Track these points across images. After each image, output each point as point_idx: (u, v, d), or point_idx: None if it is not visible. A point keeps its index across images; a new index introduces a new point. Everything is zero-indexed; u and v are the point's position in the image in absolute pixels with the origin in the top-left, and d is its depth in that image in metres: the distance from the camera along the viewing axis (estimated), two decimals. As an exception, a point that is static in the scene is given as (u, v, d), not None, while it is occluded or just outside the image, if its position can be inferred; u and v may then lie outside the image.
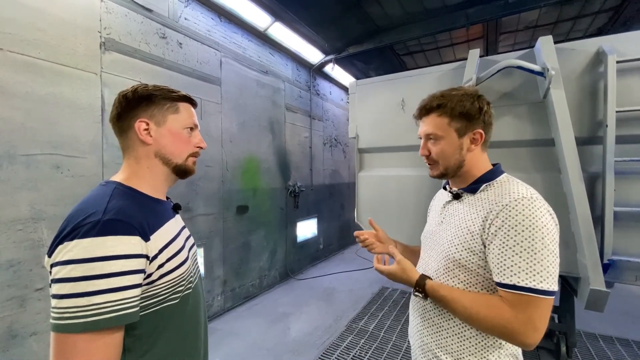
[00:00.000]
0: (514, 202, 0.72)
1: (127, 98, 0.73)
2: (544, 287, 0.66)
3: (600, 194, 1.73)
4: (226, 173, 3.22)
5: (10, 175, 1.72)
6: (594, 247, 1.62)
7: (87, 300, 0.54)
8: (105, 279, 0.56)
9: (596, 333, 2.80)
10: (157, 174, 0.76)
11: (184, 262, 0.74)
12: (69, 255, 0.56)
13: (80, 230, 0.58)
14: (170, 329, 0.70)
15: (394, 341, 2.67)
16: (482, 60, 2.06)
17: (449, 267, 0.82)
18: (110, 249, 0.57)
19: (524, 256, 0.68)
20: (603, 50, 1.71)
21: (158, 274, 0.66)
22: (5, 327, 1.69)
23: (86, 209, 0.62)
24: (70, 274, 0.55)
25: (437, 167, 0.88)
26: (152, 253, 0.64)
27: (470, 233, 0.78)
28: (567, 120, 1.70)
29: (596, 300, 1.61)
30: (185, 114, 0.78)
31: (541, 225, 0.68)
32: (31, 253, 1.80)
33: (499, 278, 0.71)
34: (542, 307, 0.67)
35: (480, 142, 0.84)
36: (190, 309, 0.76)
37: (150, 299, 0.66)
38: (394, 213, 2.47)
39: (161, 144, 0.74)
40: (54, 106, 1.91)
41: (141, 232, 0.63)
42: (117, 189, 0.69)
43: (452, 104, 0.82)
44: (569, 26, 4.42)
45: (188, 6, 2.81)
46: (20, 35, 1.76)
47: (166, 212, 0.78)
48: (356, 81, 2.63)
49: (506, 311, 0.68)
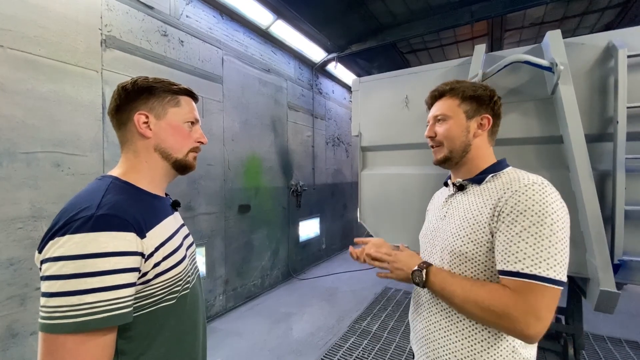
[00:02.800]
0: (524, 187, 0.68)
1: (126, 90, 0.70)
2: (550, 275, 0.62)
3: (610, 193, 1.68)
4: (228, 172, 3.20)
5: (11, 173, 1.72)
6: (604, 247, 1.57)
7: (78, 299, 0.51)
8: (97, 277, 0.53)
9: (604, 335, 2.74)
10: (156, 168, 0.73)
11: (181, 261, 0.71)
12: (60, 252, 0.53)
13: (73, 225, 0.55)
14: (166, 331, 0.67)
15: (397, 342, 2.63)
16: (488, 56, 2.01)
17: (454, 261, 0.78)
18: (104, 245, 0.54)
19: (530, 242, 0.64)
20: (613, 45, 1.66)
21: (153, 273, 0.63)
22: (5, 325, 1.68)
23: (79, 203, 0.59)
24: (60, 271, 0.52)
25: (441, 150, 0.87)
26: (148, 251, 0.61)
27: (478, 223, 0.74)
28: (576, 116, 1.65)
29: (606, 302, 1.57)
30: (187, 108, 0.76)
31: (552, 211, 0.64)
32: (31, 251, 1.78)
33: (502, 265, 0.67)
34: (548, 296, 0.62)
35: (488, 127, 0.83)
36: (187, 309, 0.73)
37: (145, 299, 0.63)
38: (397, 212, 2.43)
39: (161, 138, 0.72)
40: (55, 104, 1.90)
41: (137, 228, 0.60)
42: (113, 184, 0.66)
43: (464, 88, 0.84)
44: (575, 23, 4.35)
45: (190, 4, 2.79)
46: (21, 32, 1.75)
47: (164, 208, 0.75)
48: (359, 78, 2.60)
49: (507, 298, 0.63)
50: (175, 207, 0.82)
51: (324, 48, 4.41)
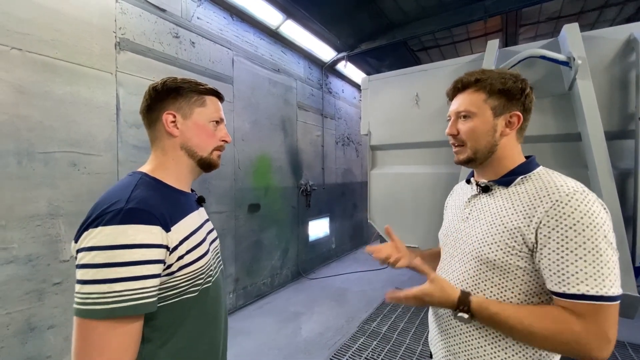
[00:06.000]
0: (566, 197, 0.63)
1: (156, 90, 0.74)
2: (615, 292, 0.59)
3: (631, 192, 1.61)
4: (238, 171, 3.23)
5: (30, 173, 1.78)
6: (625, 249, 1.50)
7: (108, 287, 0.55)
8: (126, 266, 0.57)
9: (625, 341, 2.63)
10: (182, 166, 0.77)
11: (204, 255, 0.74)
12: (93, 242, 0.57)
13: (104, 217, 0.59)
14: (189, 321, 0.70)
15: (408, 344, 2.59)
16: (502, 52, 1.96)
17: (481, 269, 0.72)
18: (132, 238, 0.58)
19: (589, 260, 0.59)
20: (635, 38, 1.59)
21: (177, 266, 0.66)
22: (23, 320, 1.74)
23: (111, 198, 0.63)
24: (93, 260, 0.56)
25: (464, 150, 0.78)
26: (172, 244, 0.64)
27: (508, 231, 0.68)
28: (595, 112, 1.59)
29: (627, 307, 1.50)
30: (212, 108, 0.79)
31: (602, 222, 0.60)
32: (49, 248, 1.84)
33: (559, 287, 0.61)
34: (612, 314, 0.59)
35: (517, 126, 0.75)
36: (209, 302, 0.76)
37: (169, 291, 0.66)
38: (408, 212, 2.40)
39: (187, 137, 0.75)
40: (71, 105, 1.95)
41: (162, 222, 0.63)
42: (142, 179, 0.70)
43: (492, 80, 0.75)
44: (594, 16, 4.19)
45: (200, 5, 2.83)
46: (38, 36, 1.81)
47: (189, 204, 0.78)
48: (368, 77, 2.58)
49: (575, 324, 0.59)
50: (200, 203, 0.86)
51: (334, 47, 4.40)
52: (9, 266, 1.69)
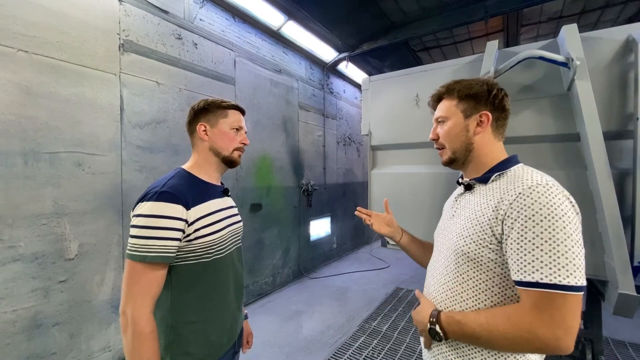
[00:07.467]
0: (528, 189, 0.66)
1: (194, 109, 1.03)
2: (571, 282, 0.59)
3: (630, 192, 1.61)
4: (240, 171, 3.26)
5: (36, 172, 1.81)
6: (623, 248, 1.51)
7: (144, 242, 0.82)
8: (157, 230, 0.82)
9: (625, 341, 2.63)
10: (211, 163, 1.03)
11: (218, 231, 0.96)
12: (140, 211, 0.85)
13: (147, 195, 0.87)
14: (204, 279, 0.94)
15: (408, 343, 2.61)
16: (501, 52, 1.97)
17: (459, 262, 0.76)
18: (163, 211, 0.84)
19: (545, 249, 0.61)
20: (633, 39, 1.59)
21: (194, 236, 0.89)
22: (29, 317, 1.77)
23: (156, 184, 0.90)
24: (138, 223, 0.83)
25: (445, 152, 0.88)
26: (191, 219, 0.88)
27: (480, 224, 0.73)
28: (593, 112, 1.59)
29: (625, 306, 1.51)
30: (233, 118, 1.04)
31: (561, 213, 0.62)
32: (54, 246, 1.88)
33: (518, 276, 0.64)
34: (570, 304, 0.59)
35: (487, 124, 0.82)
36: (219, 269, 0.98)
37: (189, 254, 0.90)
38: (408, 212, 2.41)
39: (213, 141, 1.01)
40: (76, 106, 1.98)
41: (184, 202, 0.87)
42: (179, 173, 0.97)
43: (460, 87, 0.85)
44: (595, 17, 4.19)
45: (203, 7, 2.86)
46: (44, 38, 1.84)
47: (213, 192, 1.02)
48: (369, 77, 2.59)
49: (526, 315, 0.61)
50: (226, 194, 1.09)
51: (335, 48, 4.41)
52: (16, 264, 1.72)
